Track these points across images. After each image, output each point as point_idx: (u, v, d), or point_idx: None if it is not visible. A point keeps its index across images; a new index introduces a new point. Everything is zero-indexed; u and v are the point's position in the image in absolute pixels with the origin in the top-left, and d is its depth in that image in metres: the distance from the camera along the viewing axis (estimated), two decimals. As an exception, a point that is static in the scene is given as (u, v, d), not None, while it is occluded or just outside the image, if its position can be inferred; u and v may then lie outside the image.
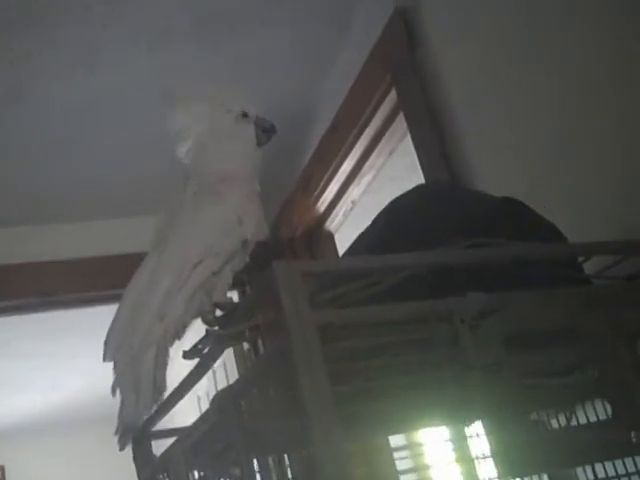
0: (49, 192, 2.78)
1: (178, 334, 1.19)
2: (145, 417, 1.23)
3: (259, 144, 1.35)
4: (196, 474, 1.15)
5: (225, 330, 1.05)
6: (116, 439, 1.23)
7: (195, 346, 1.10)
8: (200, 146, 1.31)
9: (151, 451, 1.36)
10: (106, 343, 1.23)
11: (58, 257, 2.84)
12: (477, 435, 1.28)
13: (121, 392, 1.20)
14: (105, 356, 1.22)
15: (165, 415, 1.28)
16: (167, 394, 1.33)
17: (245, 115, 1.33)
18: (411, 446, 1.43)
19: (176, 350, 1.23)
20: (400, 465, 1.40)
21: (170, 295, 1.16)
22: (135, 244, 2.57)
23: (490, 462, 1.27)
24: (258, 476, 1.04)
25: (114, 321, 1.24)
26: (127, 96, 2.41)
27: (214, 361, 1.10)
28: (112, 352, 1.22)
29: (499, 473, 1.00)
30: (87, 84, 2.31)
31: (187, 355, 1.11)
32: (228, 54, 2.33)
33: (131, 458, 1.46)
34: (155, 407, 1.22)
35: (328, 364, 0.88)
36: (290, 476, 1.27)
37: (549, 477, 1.24)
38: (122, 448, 1.23)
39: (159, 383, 1.19)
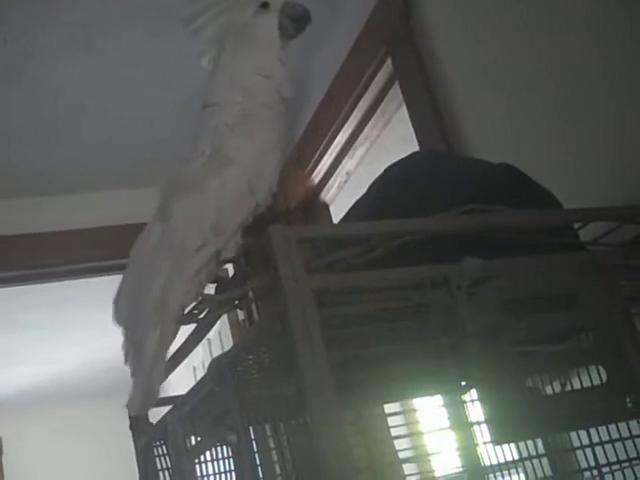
0: (48, 165, 2.78)
1: (183, 307, 1.10)
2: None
3: (289, 37, 1.16)
4: (193, 440, 1.15)
5: (221, 295, 1.05)
6: (117, 409, 1.18)
7: (191, 311, 1.09)
8: (216, 57, 1.15)
9: (147, 419, 1.37)
10: (114, 304, 1.14)
11: (57, 228, 2.84)
12: (472, 402, 1.29)
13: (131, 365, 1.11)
14: (114, 316, 1.13)
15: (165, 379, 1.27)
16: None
17: (265, 5, 1.12)
18: (405, 412, 1.44)
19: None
20: (395, 432, 1.40)
21: (171, 282, 1.07)
22: (134, 215, 2.57)
23: (484, 428, 1.28)
24: (254, 443, 1.04)
25: (121, 287, 1.14)
26: (125, 74, 2.40)
27: (210, 327, 1.10)
28: (122, 318, 1.13)
29: (493, 439, 1.01)
30: (85, 62, 2.30)
31: (183, 320, 1.09)
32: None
33: (128, 428, 1.47)
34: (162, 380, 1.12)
35: (324, 330, 0.88)
36: (285, 444, 1.28)
37: (543, 442, 1.24)
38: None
39: (158, 374, 1.08)
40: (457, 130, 1.81)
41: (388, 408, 1.41)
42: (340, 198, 2.76)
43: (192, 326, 1.15)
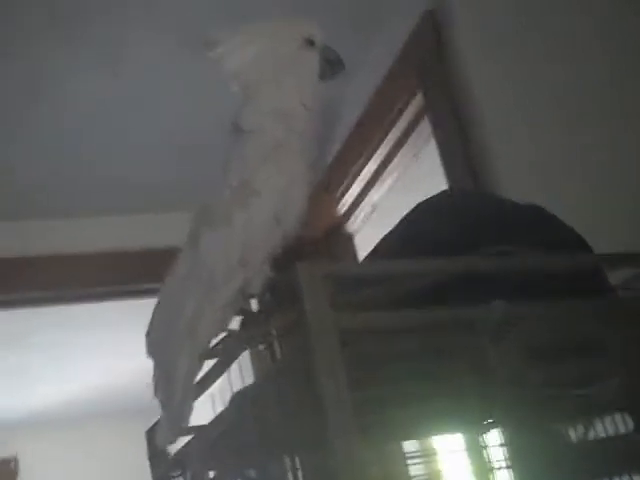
0: (67, 186, 2.79)
1: (205, 354, 1.10)
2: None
3: (322, 77, 1.16)
4: (211, 473, 1.14)
5: (247, 332, 1.05)
6: (131, 430, 1.18)
7: (215, 346, 1.09)
8: (251, 84, 1.14)
9: (166, 448, 1.36)
10: (148, 339, 1.13)
11: (73, 251, 2.85)
12: (491, 445, 1.27)
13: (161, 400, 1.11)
14: (148, 351, 1.13)
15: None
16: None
17: (311, 43, 1.13)
18: (425, 452, 1.42)
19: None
20: (413, 471, 1.39)
21: (200, 314, 1.06)
22: (151, 240, 2.60)
23: (505, 473, 1.26)
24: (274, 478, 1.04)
25: (152, 318, 1.14)
26: (147, 93, 2.42)
27: (233, 361, 1.10)
28: (153, 350, 1.13)
29: (516, 483, 0.99)
30: (107, 82, 2.32)
31: (208, 355, 1.09)
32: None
33: (143, 450, 1.46)
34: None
35: (347, 368, 0.87)
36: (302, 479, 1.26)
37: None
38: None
39: (188, 406, 1.07)
40: (485, 166, 1.81)
41: (408, 447, 1.40)
42: (365, 230, 2.75)
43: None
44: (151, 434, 1.31)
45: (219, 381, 1.46)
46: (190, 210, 1.16)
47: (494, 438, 1.25)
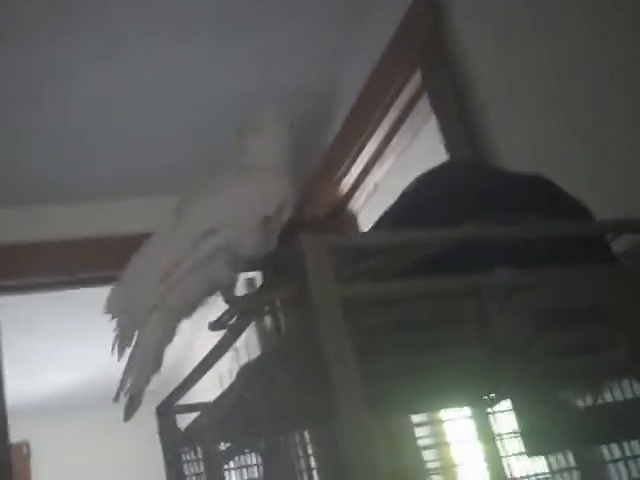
0: (73, 172, 2.80)
1: (186, 306, 1.16)
2: (144, 388, 1.18)
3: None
4: (222, 446, 1.15)
5: (250, 299, 1.05)
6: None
7: (221, 317, 1.09)
8: (252, 143, 1.35)
9: (176, 424, 1.37)
10: (109, 299, 1.21)
11: (82, 235, 2.86)
12: (501, 413, 1.28)
13: (127, 361, 1.18)
14: (105, 309, 1.20)
15: (191, 388, 1.29)
16: (192, 368, 1.33)
17: (291, 125, 1.45)
18: (432, 423, 1.43)
19: (200, 326, 1.23)
20: (422, 443, 1.40)
21: (178, 261, 1.15)
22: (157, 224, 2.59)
23: (513, 440, 1.27)
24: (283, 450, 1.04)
25: (121, 280, 1.22)
26: (151, 83, 2.42)
27: (240, 333, 1.10)
28: (113, 308, 1.20)
29: (526, 451, 1.00)
30: (112, 72, 2.33)
31: (213, 326, 1.10)
32: (253, 39, 2.33)
33: (155, 434, 1.47)
34: (150, 379, 1.18)
35: (353, 340, 0.87)
36: (310, 452, 1.27)
37: (574, 455, 1.23)
38: (128, 418, 1.17)
39: (158, 355, 1.16)
40: (486, 142, 1.81)
41: (415, 418, 1.41)
42: (368, 209, 2.76)
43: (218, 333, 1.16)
44: (161, 411, 1.32)
45: (228, 362, 1.47)
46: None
47: (501, 407, 1.26)
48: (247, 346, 3.12)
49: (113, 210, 2.97)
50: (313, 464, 1.21)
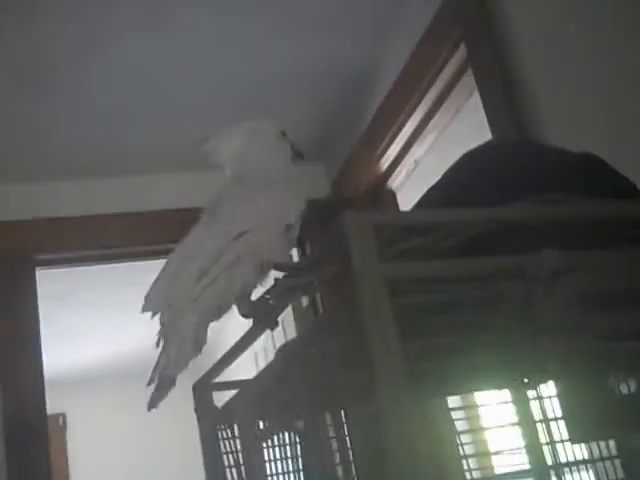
0: (110, 147, 2.81)
1: (219, 309, 1.23)
2: (180, 372, 1.24)
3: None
4: (260, 425, 1.14)
5: (294, 279, 1.04)
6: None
7: (262, 296, 1.09)
8: (243, 158, 1.40)
9: (213, 402, 1.37)
10: (147, 296, 1.27)
11: (121, 209, 2.87)
12: (542, 398, 1.25)
13: (164, 346, 1.23)
14: (144, 307, 1.26)
15: (228, 366, 1.28)
16: (229, 346, 1.33)
17: (284, 134, 1.44)
18: (469, 407, 1.41)
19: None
20: (459, 425, 1.38)
21: (211, 261, 1.22)
22: (196, 198, 2.58)
23: (556, 425, 1.24)
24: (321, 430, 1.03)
25: (158, 277, 1.29)
26: (192, 59, 2.41)
27: (280, 312, 1.09)
28: (152, 305, 1.26)
29: (570, 437, 0.98)
30: (153, 44, 2.32)
31: (257, 307, 1.09)
32: (292, 15, 2.30)
33: (190, 409, 1.47)
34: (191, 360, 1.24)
35: (396, 319, 0.86)
36: (348, 432, 1.26)
37: (617, 444, 1.20)
38: (153, 406, 1.24)
39: (199, 342, 1.22)
40: (533, 118, 1.77)
41: (452, 402, 1.39)
42: (407, 186, 2.73)
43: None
44: (198, 387, 1.32)
45: (263, 339, 1.46)
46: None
47: (543, 390, 1.24)
48: (282, 325, 3.12)
49: (150, 185, 2.97)
50: (350, 444, 1.20)
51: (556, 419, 1.15)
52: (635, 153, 1.44)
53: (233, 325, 1.25)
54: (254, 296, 1.22)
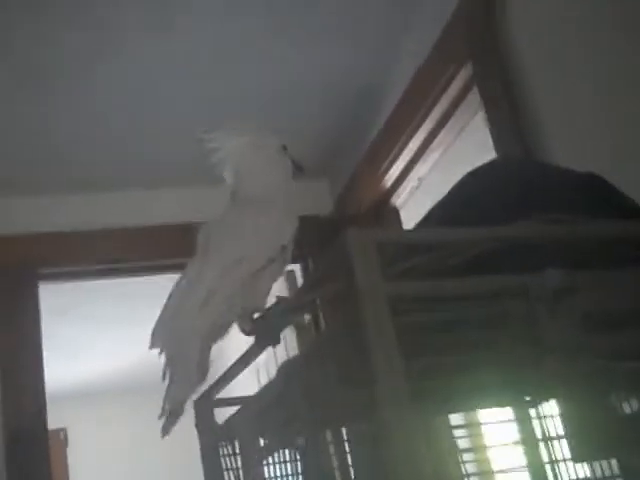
0: (114, 161, 2.81)
1: (221, 329, 1.27)
2: (186, 398, 1.27)
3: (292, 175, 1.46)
4: (262, 441, 1.14)
5: (295, 300, 1.04)
6: (164, 426, 1.27)
7: (264, 314, 1.08)
8: (244, 171, 1.42)
9: (214, 418, 1.36)
10: (153, 332, 1.30)
11: (123, 224, 2.87)
12: (544, 417, 1.25)
13: (170, 378, 1.26)
14: (152, 344, 1.29)
15: (229, 382, 1.28)
16: (231, 362, 1.32)
17: (285, 148, 1.44)
18: (471, 425, 1.40)
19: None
20: (462, 444, 1.37)
21: (213, 291, 1.25)
22: (200, 213, 2.59)
23: (555, 444, 1.23)
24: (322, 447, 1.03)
25: (161, 313, 1.31)
26: (199, 60, 2.40)
27: (282, 330, 1.09)
28: (159, 341, 1.29)
29: (573, 456, 0.97)
30: (160, 44, 2.30)
31: (258, 324, 1.09)
32: (296, 31, 2.31)
33: (191, 426, 1.47)
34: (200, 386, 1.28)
35: (399, 337, 0.86)
36: (349, 449, 1.26)
37: (619, 463, 1.20)
38: (166, 433, 1.27)
39: (203, 369, 1.25)
40: (538, 137, 1.77)
41: (454, 420, 1.38)
42: (411, 204, 2.73)
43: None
44: (199, 403, 1.32)
45: (265, 355, 1.46)
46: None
47: (544, 410, 1.23)
48: (284, 341, 3.12)
49: (152, 199, 2.97)
50: (351, 462, 1.19)
51: (558, 438, 1.14)
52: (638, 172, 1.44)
53: (235, 341, 1.25)
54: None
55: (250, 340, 1.27)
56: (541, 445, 1.23)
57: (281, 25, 2.28)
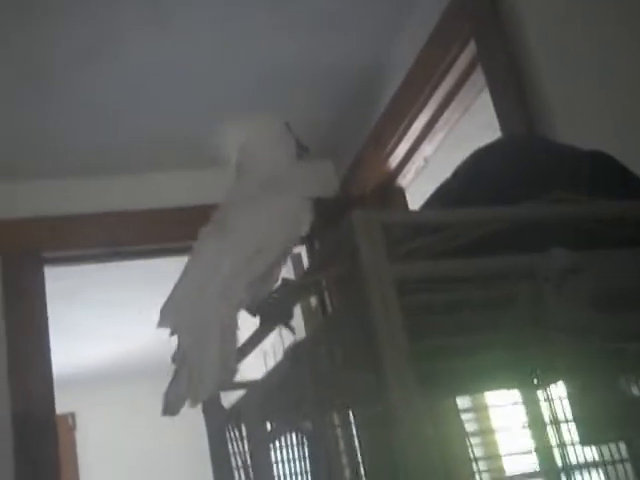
0: (118, 144, 2.81)
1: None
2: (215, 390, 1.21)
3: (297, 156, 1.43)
4: (268, 425, 1.14)
5: (302, 280, 1.03)
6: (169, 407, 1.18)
7: (270, 296, 1.08)
8: (248, 152, 1.39)
9: (220, 402, 1.36)
10: (163, 312, 1.24)
11: (129, 207, 2.87)
12: (552, 400, 1.24)
13: (182, 367, 1.18)
14: (160, 323, 1.23)
15: (264, 337, 1.26)
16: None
17: (288, 126, 1.42)
18: (478, 409, 1.40)
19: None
20: (468, 427, 1.37)
21: (233, 278, 1.19)
22: (204, 196, 2.59)
23: (563, 427, 1.23)
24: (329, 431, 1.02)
25: (173, 292, 1.25)
26: (198, 52, 2.40)
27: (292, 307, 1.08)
28: (171, 323, 1.23)
29: (581, 439, 0.97)
30: (158, 40, 2.31)
31: (264, 306, 1.09)
32: (299, 11, 2.29)
33: (198, 409, 1.46)
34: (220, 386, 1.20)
35: (405, 319, 0.85)
36: (357, 433, 1.26)
37: (627, 446, 1.19)
38: (168, 413, 1.19)
39: (229, 363, 1.16)
40: (543, 117, 1.75)
41: (461, 403, 1.38)
42: (416, 184, 2.72)
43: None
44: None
45: (272, 338, 1.46)
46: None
47: (553, 392, 1.23)
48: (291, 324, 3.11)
49: (158, 182, 2.97)
50: (358, 445, 1.19)
51: (566, 421, 1.13)
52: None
53: (242, 324, 1.24)
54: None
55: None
56: (549, 428, 1.23)
57: (282, 9, 2.27)
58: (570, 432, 1.17)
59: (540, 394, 1.25)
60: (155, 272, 3.52)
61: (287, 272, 1.22)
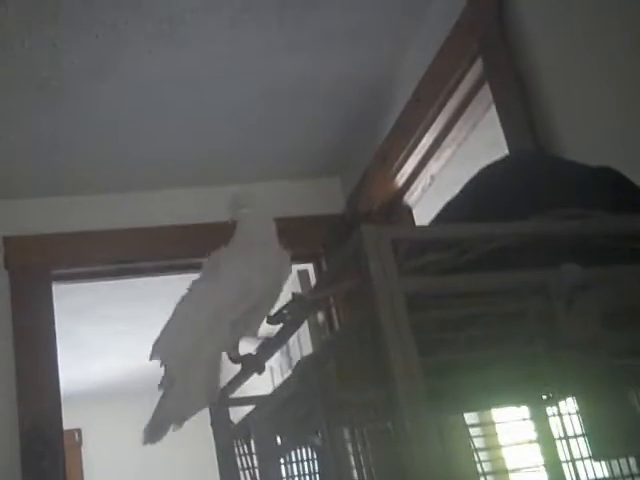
0: (126, 162, 2.82)
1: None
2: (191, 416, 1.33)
3: None
4: (278, 440, 1.14)
5: (312, 295, 1.03)
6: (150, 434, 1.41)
7: (280, 311, 1.08)
8: (250, 219, 1.51)
9: (229, 417, 1.36)
10: (155, 347, 1.38)
11: (137, 225, 2.88)
12: (561, 415, 1.24)
13: (167, 392, 1.35)
14: (152, 355, 1.37)
15: (245, 381, 1.28)
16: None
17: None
18: (486, 424, 1.40)
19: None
20: (477, 443, 1.36)
21: (219, 316, 1.34)
22: (212, 214, 2.60)
23: (573, 442, 1.22)
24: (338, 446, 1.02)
25: (165, 329, 1.39)
26: (206, 69, 2.41)
27: (298, 326, 1.09)
28: (161, 356, 1.37)
29: (592, 454, 0.96)
30: (166, 55, 2.31)
31: (271, 320, 1.10)
32: (308, 30, 2.30)
33: (207, 426, 1.46)
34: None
35: (415, 334, 0.85)
36: (365, 448, 1.25)
37: (638, 462, 1.19)
38: (150, 441, 1.43)
39: (212, 389, 1.32)
40: (550, 134, 1.76)
41: (470, 418, 1.38)
42: (424, 201, 2.72)
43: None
44: (215, 403, 1.31)
45: (279, 354, 1.46)
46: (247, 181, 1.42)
47: (562, 407, 1.22)
48: (299, 340, 3.12)
49: (166, 200, 2.98)
50: (367, 460, 1.18)
51: (576, 436, 1.13)
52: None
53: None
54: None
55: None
56: (559, 444, 1.22)
57: (292, 24, 2.28)
58: (579, 447, 1.17)
59: (549, 410, 1.24)
60: (163, 289, 3.52)
61: (294, 288, 1.23)
